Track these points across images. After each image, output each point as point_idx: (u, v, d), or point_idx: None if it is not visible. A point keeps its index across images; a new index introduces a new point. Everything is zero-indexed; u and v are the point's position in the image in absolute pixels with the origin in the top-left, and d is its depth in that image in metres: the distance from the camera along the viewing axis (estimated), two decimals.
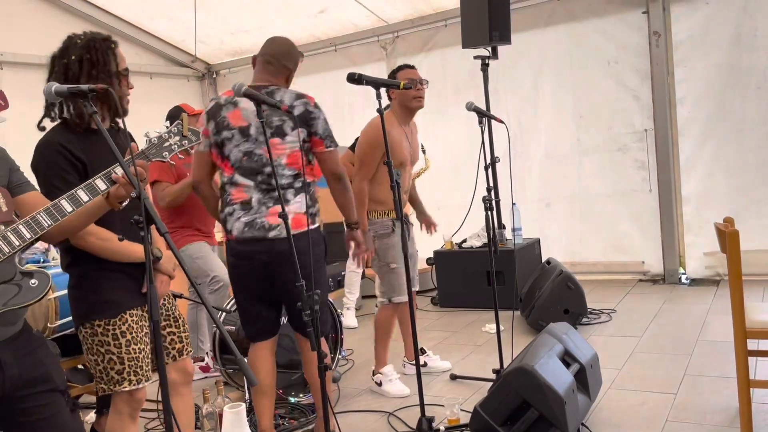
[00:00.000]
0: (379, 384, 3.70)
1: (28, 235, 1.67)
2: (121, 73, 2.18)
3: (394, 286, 3.60)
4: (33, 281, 1.70)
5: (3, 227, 1.67)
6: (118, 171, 1.83)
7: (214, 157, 2.85)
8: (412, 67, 3.72)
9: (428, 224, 4.11)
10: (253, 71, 2.93)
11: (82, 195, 1.75)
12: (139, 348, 2.24)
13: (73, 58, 2.10)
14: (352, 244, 3.20)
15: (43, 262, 3.66)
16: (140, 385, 2.24)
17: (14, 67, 5.86)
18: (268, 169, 2.74)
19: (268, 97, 2.57)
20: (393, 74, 3.70)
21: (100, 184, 1.79)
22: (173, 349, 2.45)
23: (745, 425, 2.52)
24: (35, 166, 2.10)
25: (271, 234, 2.73)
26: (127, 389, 2.21)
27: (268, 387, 2.91)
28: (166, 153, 1.91)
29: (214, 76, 7.83)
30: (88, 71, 2.10)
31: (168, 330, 2.43)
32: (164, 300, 2.44)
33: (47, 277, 1.73)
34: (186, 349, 2.48)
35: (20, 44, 5.93)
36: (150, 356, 2.34)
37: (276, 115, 2.73)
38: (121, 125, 1.90)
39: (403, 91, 3.59)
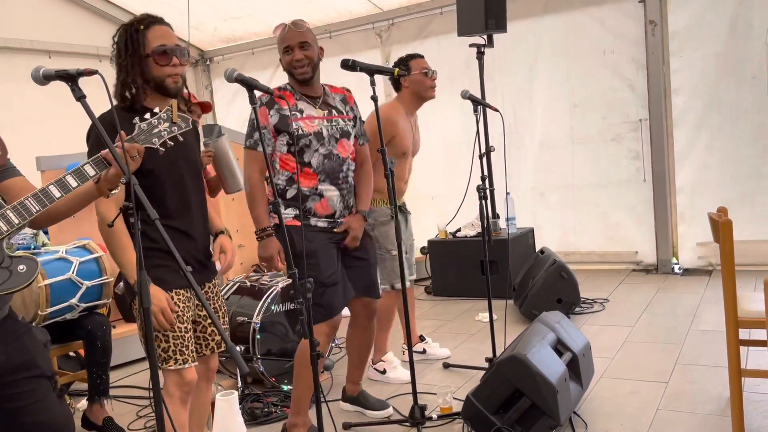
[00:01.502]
0: (383, 372, 3.68)
1: (17, 221, 1.65)
2: (150, 55, 2.19)
3: (397, 272, 3.59)
4: (21, 267, 1.69)
5: None
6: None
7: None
8: (423, 57, 3.68)
9: None
10: (246, 58, 2.90)
11: (71, 181, 1.72)
12: (185, 327, 2.26)
13: (114, 44, 2.24)
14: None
15: (34, 248, 3.64)
16: (186, 365, 2.25)
17: (4, 52, 5.80)
18: None
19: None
20: (405, 62, 3.64)
21: (90, 170, 1.76)
22: (212, 341, 2.43)
23: (737, 414, 2.53)
24: (87, 135, 2.19)
25: None
26: (173, 368, 2.23)
27: None
28: (156, 139, 1.88)
29: (208, 62, 7.75)
30: (124, 56, 2.21)
31: (209, 321, 2.40)
32: (207, 290, 2.42)
33: (35, 262, 1.72)
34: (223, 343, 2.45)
35: (10, 29, 5.87)
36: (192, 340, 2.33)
37: None
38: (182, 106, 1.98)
39: (419, 80, 3.58)
